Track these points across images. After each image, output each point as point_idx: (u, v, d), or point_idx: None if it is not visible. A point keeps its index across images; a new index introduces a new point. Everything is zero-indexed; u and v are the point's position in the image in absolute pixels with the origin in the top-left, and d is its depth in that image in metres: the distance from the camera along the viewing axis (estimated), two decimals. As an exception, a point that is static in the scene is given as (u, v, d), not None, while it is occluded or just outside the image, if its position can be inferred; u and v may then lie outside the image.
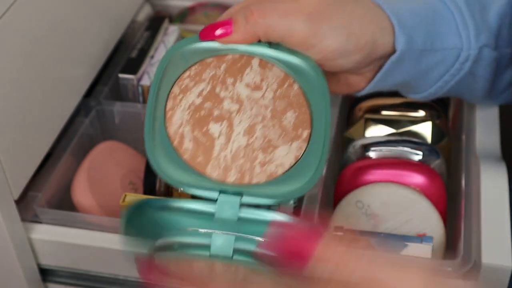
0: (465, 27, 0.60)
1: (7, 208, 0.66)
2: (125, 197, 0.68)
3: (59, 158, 0.75)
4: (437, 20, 0.60)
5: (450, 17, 0.60)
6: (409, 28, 0.57)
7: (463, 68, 0.61)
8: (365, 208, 0.67)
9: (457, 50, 0.60)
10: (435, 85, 0.62)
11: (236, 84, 0.54)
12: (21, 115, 0.67)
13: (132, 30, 0.92)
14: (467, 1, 0.61)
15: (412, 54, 0.58)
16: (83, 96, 0.80)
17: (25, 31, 0.66)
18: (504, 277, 0.60)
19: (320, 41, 0.54)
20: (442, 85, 0.62)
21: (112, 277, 0.71)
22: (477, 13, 0.61)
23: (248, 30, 0.52)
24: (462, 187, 0.70)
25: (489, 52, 0.61)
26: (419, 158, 0.69)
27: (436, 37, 0.59)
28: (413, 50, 0.58)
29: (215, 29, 0.53)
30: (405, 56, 0.58)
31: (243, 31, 0.53)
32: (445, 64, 0.61)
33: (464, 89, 0.64)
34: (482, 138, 0.71)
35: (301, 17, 0.53)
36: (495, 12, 0.62)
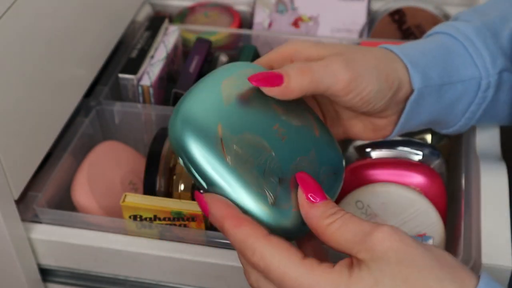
0: (479, 56, 0.61)
1: (7, 208, 0.66)
2: (125, 197, 0.68)
3: (59, 158, 0.75)
4: (450, 54, 0.61)
5: (462, 49, 0.61)
6: (422, 67, 0.59)
7: (487, 96, 0.62)
8: (365, 208, 0.67)
9: (476, 79, 0.61)
10: (464, 117, 0.63)
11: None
12: (21, 115, 0.67)
13: (132, 30, 0.92)
14: (477, 31, 0.62)
15: (431, 90, 0.59)
16: (83, 96, 0.80)
17: (25, 31, 0.66)
18: (504, 277, 0.60)
19: (360, 83, 0.54)
20: (470, 116, 0.63)
21: (112, 277, 0.71)
22: (489, 40, 0.62)
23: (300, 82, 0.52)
24: (462, 187, 0.70)
25: (508, 75, 0.62)
26: (419, 158, 0.69)
27: (452, 70, 0.60)
28: (431, 86, 0.59)
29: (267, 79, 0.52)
30: (424, 93, 0.59)
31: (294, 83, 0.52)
32: (468, 95, 0.61)
33: (491, 116, 0.65)
34: (482, 138, 0.71)
35: (341, 62, 0.54)
36: (508, 36, 0.62)
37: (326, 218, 0.47)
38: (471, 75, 0.61)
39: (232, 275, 0.67)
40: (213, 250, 0.67)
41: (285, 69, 0.52)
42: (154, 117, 0.82)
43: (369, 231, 0.45)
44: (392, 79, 0.57)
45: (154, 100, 0.83)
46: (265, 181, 0.49)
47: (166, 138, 0.74)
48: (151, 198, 0.69)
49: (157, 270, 0.69)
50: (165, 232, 0.68)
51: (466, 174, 0.70)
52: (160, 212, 0.67)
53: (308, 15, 0.96)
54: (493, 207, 0.64)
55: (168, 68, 0.86)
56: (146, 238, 0.68)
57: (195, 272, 0.68)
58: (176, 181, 0.72)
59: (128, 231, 0.69)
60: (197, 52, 0.86)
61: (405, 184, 0.67)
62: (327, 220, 0.47)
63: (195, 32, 0.93)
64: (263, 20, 0.97)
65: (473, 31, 0.62)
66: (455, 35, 0.62)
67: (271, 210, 0.48)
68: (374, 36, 0.93)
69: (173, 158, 0.73)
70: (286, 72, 0.52)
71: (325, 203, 0.48)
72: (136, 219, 0.68)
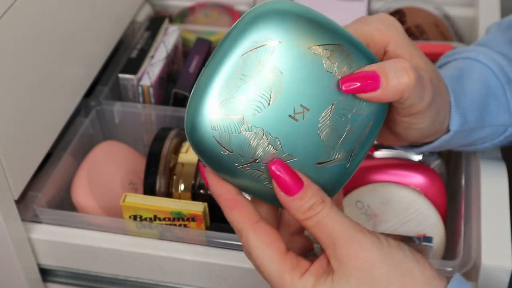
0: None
1: (7, 208, 0.66)
2: (125, 197, 0.68)
3: (59, 158, 0.75)
4: (489, 97, 0.60)
5: (501, 93, 0.61)
6: (463, 108, 0.57)
7: (506, 140, 0.62)
8: (365, 208, 0.67)
9: (505, 126, 0.61)
10: (479, 148, 0.64)
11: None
12: (21, 115, 0.67)
13: (132, 30, 0.92)
14: None
15: (463, 132, 0.59)
16: (83, 96, 0.80)
17: (25, 31, 0.66)
18: (504, 277, 0.60)
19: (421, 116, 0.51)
20: (485, 148, 0.64)
21: (112, 277, 0.71)
22: None
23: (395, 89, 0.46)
24: (462, 187, 0.70)
25: None
26: (419, 158, 0.69)
27: (486, 115, 0.60)
28: (465, 129, 0.58)
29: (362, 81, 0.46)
30: (456, 135, 0.58)
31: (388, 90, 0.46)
32: (491, 137, 0.62)
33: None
34: (482, 138, 0.71)
35: (430, 88, 0.50)
36: None
37: (301, 214, 0.46)
38: (502, 122, 0.61)
39: (232, 275, 0.67)
40: (213, 250, 0.67)
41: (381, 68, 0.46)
42: (154, 117, 0.82)
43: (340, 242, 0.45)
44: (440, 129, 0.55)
45: (154, 100, 0.83)
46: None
47: (166, 138, 0.74)
48: (151, 198, 0.69)
49: (157, 270, 0.69)
50: (165, 232, 0.68)
51: (466, 174, 0.70)
52: (160, 212, 0.67)
53: (308, 15, 0.96)
54: (493, 207, 0.64)
55: (168, 68, 0.86)
56: (146, 238, 0.68)
57: (195, 272, 0.68)
58: (176, 181, 0.72)
59: (128, 231, 0.69)
60: (197, 52, 0.86)
61: (405, 184, 0.67)
62: (302, 215, 0.46)
63: (195, 32, 0.93)
64: (263, 20, 0.96)
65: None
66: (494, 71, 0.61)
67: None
68: (374, 36, 0.93)
69: (173, 158, 0.73)
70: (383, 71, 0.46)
71: (300, 196, 0.46)
72: (136, 219, 0.68)
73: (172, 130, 0.75)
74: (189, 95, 0.81)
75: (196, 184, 0.71)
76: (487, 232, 0.62)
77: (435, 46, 0.84)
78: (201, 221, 0.67)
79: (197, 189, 0.71)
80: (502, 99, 0.60)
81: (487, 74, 0.61)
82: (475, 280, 0.61)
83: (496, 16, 0.88)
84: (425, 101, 0.49)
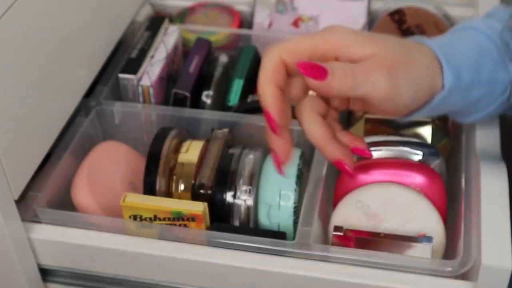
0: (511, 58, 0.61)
1: (7, 208, 0.66)
2: (125, 197, 0.68)
3: (59, 158, 0.75)
4: (484, 57, 0.61)
5: (496, 53, 0.61)
6: (455, 66, 0.59)
7: (504, 104, 0.63)
8: (365, 208, 0.67)
9: (504, 83, 0.61)
10: (482, 113, 0.64)
11: None
12: (21, 115, 0.67)
13: (132, 30, 0.92)
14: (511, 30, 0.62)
15: (459, 90, 0.60)
16: (83, 96, 0.80)
17: (25, 31, 0.66)
18: (504, 277, 0.60)
19: (396, 95, 0.56)
20: (489, 113, 0.64)
21: (112, 277, 0.71)
22: None
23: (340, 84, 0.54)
24: (462, 187, 0.70)
25: None
26: (419, 158, 0.69)
27: (483, 73, 0.60)
28: (460, 87, 0.60)
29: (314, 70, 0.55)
30: (452, 92, 0.59)
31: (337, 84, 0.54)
32: (493, 96, 0.62)
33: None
34: (482, 138, 0.71)
35: (383, 73, 0.55)
36: None
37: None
38: (501, 79, 0.61)
39: (232, 275, 0.67)
40: (213, 250, 0.67)
41: (331, 67, 0.54)
42: (154, 117, 0.82)
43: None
44: (432, 92, 0.58)
45: (154, 100, 0.83)
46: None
47: (166, 138, 0.74)
48: (151, 198, 0.69)
49: (157, 270, 0.69)
50: (165, 232, 0.68)
51: (466, 174, 0.70)
52: (160, 212, 0.67)
53: (308, 15, 0.96)
54: (493, 207, 0.64)
55: (168, 68, 0.86)
56: (146, 238, 0.68)
57: (195, 272, 0.68)
58: (176, 181, 0.72)
59: (128, 231, 0.69)
60: (197, 52, 0.86)
61: (405, 184, 0.67)
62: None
63: (195, 32, 0.93)
64: (263, 20, 0.97)
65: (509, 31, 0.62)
66: (489, 34, 0.62)
67: None
68: (374, 36, 0.93)
69: (173, 158, 0.73)
70: (332, 70, 0.54)
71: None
72: (136, 219, 0.68)
73: (172, 130, 0.75)
74: (189, 95, 0.81)
75: (196, 184, 0.71)
76: (487, 232, 0.62)
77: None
78: (201, 221, 0.67)
79: (197, 189, 0.71)
80: (498, 58, 0.61)
81: (481, 37, 0.62)
82: (475, 280, 0.61)
83: (496, 16, 0.87)
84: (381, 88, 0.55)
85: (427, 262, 0.63)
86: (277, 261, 0.66)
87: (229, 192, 0.70)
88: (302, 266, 0.65)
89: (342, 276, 0.64)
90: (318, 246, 0.65)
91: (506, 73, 0.61)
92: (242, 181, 0.70)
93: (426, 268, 0.63)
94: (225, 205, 0.70)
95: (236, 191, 0.70)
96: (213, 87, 0.83)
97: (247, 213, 0.70)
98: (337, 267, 0.65)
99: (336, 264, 0.65)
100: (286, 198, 0.70)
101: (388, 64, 0.56)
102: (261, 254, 0.66)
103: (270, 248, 0.66)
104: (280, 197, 0.70)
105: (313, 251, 0.65)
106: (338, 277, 0.64)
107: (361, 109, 0.63)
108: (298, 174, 0.71)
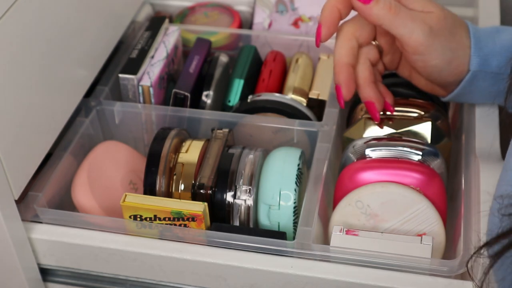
0: None
1: (7, 208, 0.66)
2: (125, 197, 0.68)
3: (59, 158, 0.76)
4: None
5: None
6: (485, 53, 0.63)
7: None
8: (365, 208, 0.67)
9: None
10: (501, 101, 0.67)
11: None
12: (22, 115, 0.67)
13: (132, 30, 0.92)
14: None
15: (486, 76, 0.63)
16: (83, 96, 0.80)
17: (25, 31, 0.66)
18: (504, 277, 0.60)
19: (429, 53, 0.61)
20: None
21: (112, 277, 0.71)
22: None
23: (381, 13, 0.60)
24: (462, 187, 0.70)
25: None
26: (418, 158, 0.69)
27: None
28: (486, 72, 0.63)
29: None
30: (478, 77, 0.63)
31: (377, 11, 0.60)
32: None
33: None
34: (482, 138, 0.71)
35: (425, 27, 0.60)
36: None
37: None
38: None
39: (232, 275, 0.67)
40: (213, 250, 0.67)
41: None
42: (154, 117, 0.82)
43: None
44: (461, 70, 0.62)
45: (154, 100, 0.83)
46: None
47: (166, 138, 0.74)
48: (151, 198, 0.69)
49: (157, 270, 0.69)
50: (165, 232, 0.68)
51: (466, 174, 0.70)
52: (160, 212, 0.67)
53: (308, 15, 0.96)
54: (493, 207, 0.64)
55: (168, 68, 0.87)
56: (146, 238, 0.69)
57: (195, 272, 0.68)
58: (176, 181, 0.72)
59: (128, 231, 0.69)
60: (197, 52, 0.86)
61: (405, 184, 0.67)
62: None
63: (195, 32, 0.93)
64: (263, 20, 0.97)
65: None
66: None
67: None
68: (374, 36, 0.93)
69: (173, 158, 0.73)
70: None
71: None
72: (136, 219, 0.69)
73: (172, 130, 0.75)
74: (189, 95, 0.81)
75: (196, 184, 0.71)
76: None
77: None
78: (201, 221, 0.67)
79: (197, 189, 0.71)
80: None
81: None
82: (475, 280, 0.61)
83: (496, 16, 0.87)
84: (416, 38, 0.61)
85: (427, 262, 0.63)
86: (277, 261, 0.66)
87: (229, 192, 0.70)
88: (302, 266, 0.65)
89: (342, 276, 0.64)
90: (318, 246, 0.66)
91: None
92: (242, 181, 0.70)
93: (426, 268, 0.63)
94: (225, 205, 0.70)
95: (236, 191, 0.70)
96: (213, 87, 0.83)
97: (247, 213, 0.70)
98: (337, 267, 0.65)
99: (336, 264, 0.65)
100: (286, 198, 0.70)
101: (431, 24, 0.60)
102: (261, 254, 0.66)
103: (270, 248, 0.66)
104: (280, 197, 0.70)
105: (313, 251, 0.65)
106: (338, 277, 0.64)
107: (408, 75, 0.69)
108: (298, 174, 0.71)
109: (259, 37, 0.94)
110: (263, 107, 0.80)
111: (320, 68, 0.86)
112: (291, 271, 0.65)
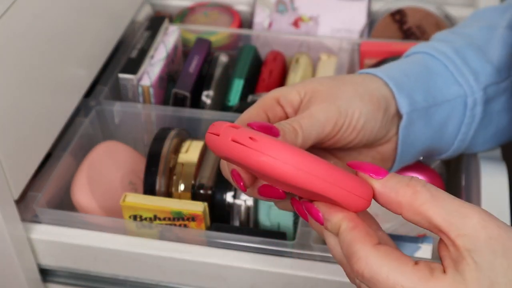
0: (461, 74, 0.60)
1: (7, 208, 0.66)
2: (125, 197, 0.68)
3: (59, 158, 0.75)
4: (432, 75, 0.60)
5: (443, 69, 0.61)
6: (407, 90, 0.58)
7: (475, 114, 0.61)
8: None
9: (461, 98, 0.60)
10: (456, 140, 0.62)
11: None
12: (21, 115, 0.67)
13: (132, 30, 0.92)
14: (456, 50, 0.61)
15: (419, 114, 0.58)
16: (83, 96, 0.80)
17: (25, 31, 0.66)
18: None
19: (345, 116, 0.53)
20: (462, 138, 0.62)
21: (112, 277, 0.71)
22: (472, 57, 0.61)
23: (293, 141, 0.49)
24: (462, 187, 0.70)
25: (494, 88, 0.61)
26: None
27: (435, 91, 0.59)
28: (418, 110, 0.58)
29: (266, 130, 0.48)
30: (413, 118, 0.58)
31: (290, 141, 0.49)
32: (456, 115, 0.60)
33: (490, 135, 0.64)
34: (482, 138, 0.71)
35: (322, 106, 0.52)
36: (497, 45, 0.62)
37: (407, 187, 0.43)
38: (456, 94, 0.60)
39: (232, 275, 0.67)
40: (213, 250, 0.67)
41: (281, 126, 0.49)
42: (154, 117, 0.82)
43: (464, 213, 0.43)
44: (377, 99, 0.55)
45: (154, 100, 0.83)
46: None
47: (166, 138, 0.74)
48: (151, 198, 0.69)
49: (157, 270, 0.69)
50: (165, 232, 0.68)
51: (466, 174, 0.70)
52: (160, 212, 0.67)
53: (308, 15, 0.96)
54: (493, 207, 0.64)
55: (168, 68, 0.87)
56: (146, 238, 0.68)
57: (195, 272, 0.68)
58: (176, 181, 0.72)
59: (128, 231, 0.69)
60: (197, 52, 0.86)
61: (405, 184, 0.67)
62: (409, 189, 0.43)
63: (195, 32, 0.93)
64: (263, 20, 0.97)
65: (452, 50, 0.61)
66: (434, 55, 0.61)
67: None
68: (375, 36, 0.93)
69: (173, 158, 0.73)
70: (282, 129, 0.49)
71: (392, 174, 0.44)
72: (136, 219, 0.68)
73: (172, 130, 0.75)
74: (189, 95, 0.81)
75: (196, 184, 0.71)
76: (487, 232, 0.61)
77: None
78: (201, 221, 0.67)
79: (197, 189, 0.71)
80: (446, 73, 0.60)
81: (424, 57, 0.61)
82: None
83: (496, 16, 0.87)
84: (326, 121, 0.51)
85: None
86: (277, 261, 0.66)
87: (229, 192, 0.70)
88: (302, 266, 0.65)
89: (341, 276, 0.64)
90: (318, 246, 0.65)
91: (460, 88, 0.60)
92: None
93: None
94: (225, 205, 0.70)
95: (236, 191, 0.70)
96: (213, 87, 0.83)
97: (247, 213, 0.70)
98: (337, 267, 0.65)
99: (336, 264, 0.65)
100: (286, 198, 0.70)
101: (323, 94, 0.53)
102: (261, 254, 0.66)
103: (270, 248, 0.66)
104: (280, 197, 0.70)
105: (313, 251, 0.65)
106: (338, 277, 0.64)
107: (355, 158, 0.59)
108: (298, 174, 0.71)
109: (259, 37, 0.94)
110: (263, 107, 0.80)
111: (320, 68, 0.86)
112: (291, 271, 0.65)
